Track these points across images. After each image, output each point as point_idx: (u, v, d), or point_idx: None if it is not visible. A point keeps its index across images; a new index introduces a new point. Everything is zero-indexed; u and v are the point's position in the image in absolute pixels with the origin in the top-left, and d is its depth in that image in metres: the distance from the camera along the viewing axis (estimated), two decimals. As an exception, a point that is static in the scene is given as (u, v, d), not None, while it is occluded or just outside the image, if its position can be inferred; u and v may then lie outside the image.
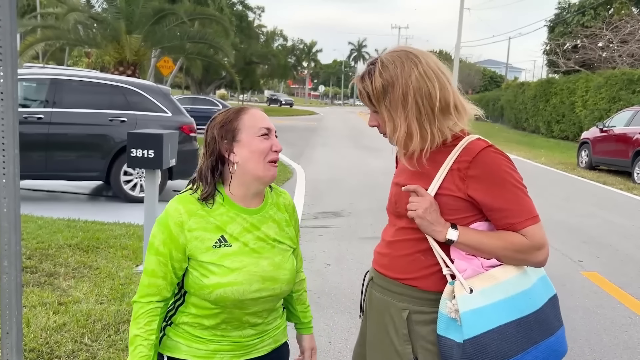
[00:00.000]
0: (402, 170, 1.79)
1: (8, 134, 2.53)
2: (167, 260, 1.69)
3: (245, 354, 1.80)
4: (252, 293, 1.71)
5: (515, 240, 1.58)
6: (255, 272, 1.71)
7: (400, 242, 1.72)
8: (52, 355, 3.31)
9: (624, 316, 4.56)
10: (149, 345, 1.70)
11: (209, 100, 24.04)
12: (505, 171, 1.60)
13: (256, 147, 1.71)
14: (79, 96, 7.86)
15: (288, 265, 1.80)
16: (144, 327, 1.71)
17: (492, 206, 1.59)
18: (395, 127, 1.66)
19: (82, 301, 4.09)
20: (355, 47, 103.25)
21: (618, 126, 14.14)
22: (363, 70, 1.71)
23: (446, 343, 1.60)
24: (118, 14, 15.02)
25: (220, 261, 1.69)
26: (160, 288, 1.71)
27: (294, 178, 11.15)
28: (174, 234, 1.69)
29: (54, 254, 5.13)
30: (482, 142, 1.64)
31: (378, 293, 1.77)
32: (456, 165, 1.61)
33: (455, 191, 1.61)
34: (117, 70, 15.32)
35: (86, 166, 7.79)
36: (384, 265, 1.76)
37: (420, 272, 1.67)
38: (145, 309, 1.71)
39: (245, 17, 41.31)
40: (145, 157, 4.66)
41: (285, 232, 1.83)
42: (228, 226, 1.72)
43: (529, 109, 30.71)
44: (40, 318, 3.75)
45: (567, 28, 30.39)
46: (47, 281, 4.47)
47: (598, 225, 8.04)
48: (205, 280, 1.68)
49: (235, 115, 1.74)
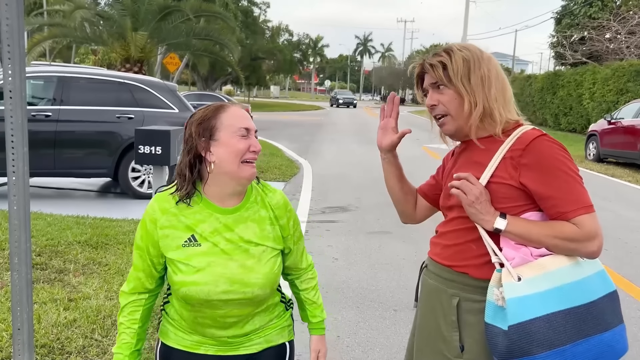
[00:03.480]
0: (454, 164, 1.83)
1: (17, 131, 2.55)
2: (145, 255, 1.76)
3: (231, 349, 1.81)
4: (219, 294, 1.70)
5: (565, 229, 1.58)
6: (222, 273, 1.70)
7: (452, 232, 1.76)
8: (63, 350, 3.34)
9: (633, 309, 4.55)
10: (131, 333, 1.79)
11: (215, 97, 24.10)
12: (558, 159, 1.60)
13: (233, 146, 1.68)
14: (86, 94, 7.89)
15: (264, 268, 1.74)
16: (127, 317, 1.80)
17: (544, 194, 1.60)
18: (471, 104, 1.68)
19: (92, 297, 4.12)
20: (361, 41, 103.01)
21: (626, 118, 14.05)
22: (432, 51, 1.77)
23: (492, 331, 1.61)
24: (124, 11, 15.06)
25: (188, 260, 1.70)
26: (142, 280, 1.79)
27: (301, 173, 11.16)
28: (149, 230, 1.74)
29: (64, 250, 5.17)
30: (536, 131, 1.67)
31: (430, 279, 1.82)
32: (509, 153, 1.64)
33: (507, 179, 1.63)
34: (123, 67, 15.38)
35: (94, 163, 7.83)
36: (436, 253, 1.81)
37: (472, 261, 1.70)
38: (129, 299, 1.81)
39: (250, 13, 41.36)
40: (153, 154, 4.70)
41: (267, 231, 1.78)
42: (199, 226, 1.72)
43: (536, 101, 30.56)
44: (51, 314, 3.78)
45: (574, 20, 30.19)
46: (57, 278, 4.50)
47: (606, 218, 8.00)
48: (174, 277, 1.72)
49: (214, 113, 1.71)
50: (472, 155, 1.74)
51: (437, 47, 1.80)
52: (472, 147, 1.75)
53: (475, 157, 1.72)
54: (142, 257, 1.77)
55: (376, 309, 4.35)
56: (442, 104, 1.72)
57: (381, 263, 5.39)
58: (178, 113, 8.18)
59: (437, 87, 1.72)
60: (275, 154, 13.70)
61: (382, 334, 3.89)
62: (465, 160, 1.76)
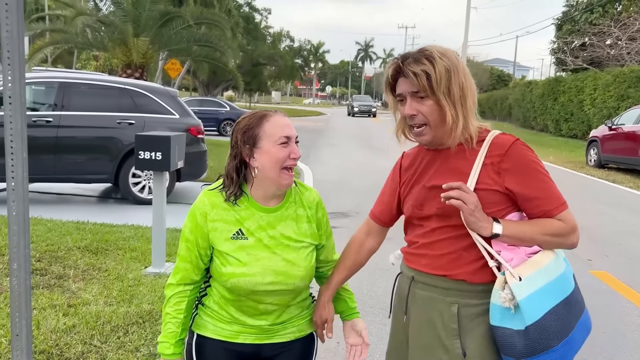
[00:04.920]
0: (423, 173, 1.80)
1: (17, 137, 2.55)
2: (194, 247, 1.86)
3: (267, 337, 1.92)
4: (265, 285, 1.82)
5: (553, 225, 1.66)
6: (268, 266, 1.82)
7: (438, 242, 1.74)
8: (62, 356, 3.33)
9: (634, 315, 4.54)
10: (177, 322, 1.88)
11: (216, 102, 24.11)
12: (534, 162, 1.68)
13: (274, 155, 1.79)
14: (87, 99, 7.90)
15: (304, 262, 1.87)
16: (173, 307, 1.89)
17: (529, 196, 1.65)
18: (453, 116, 1.67)
19: (91, 303, 4.12)
20: (362, 47, 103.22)
21: (627, 124, 14.05)
22: (410, 55, 1.71)
23: (504, 333, 1.63)
24: (125, 17, 15.09)
25: (237, 252, 1.82)
26: (189, 272, 1.89)
27: (301, 179, 11.15)
28: (199, 223, 1.85)
29: (64, 256, 5.16)
30: (508, 136, 1.71)
31: (423, 291, 1.79)
32: (489, 160, 1.67)
33: (492, 185, 1.66)
34: (124, 73, 15.39)
35: (95, 169, 7.83)
36: (426, 264, 1.77)
37: (466, 267, 1.70)
38: (175, 290, 1.90)
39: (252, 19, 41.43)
40: (153, 159, 4.69)
41: (305, 229, 1.91)
42: (246, 221, 1.84)
43: (537, 107, 30.56)
44: (50, 320, 3.78)
45: (575, 26, 30.21)
46: (56, 283, 4.50)
47: (607, 224, 7.99)
48: (223, 269, 1.83)
49: (258, 122, 1.82)
50: (448, 163, 1.74)
51: (420, 50, 1.72)
52: (445, 155, 1.75)
53: (452, 165, 1.72)
54: (190, 250, 1.86)
55: (376, 315, 4.34)
56: (422, 114, 1.69)
57: (381, 269, 5.37)
58: (179, 119, 8.19)
59: (418, 96, 1.69)
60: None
61: (382, 340, 3.87)
62: (441, 169, 1.75)
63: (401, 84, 1.72)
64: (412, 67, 1.67)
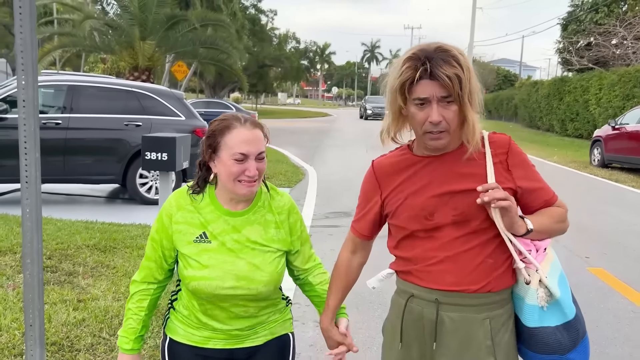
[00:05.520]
0: (426, 180, 1.68)
1: (30, 139, 2.71)
2: (158, 247, 1.88)
3: (238, 342, 1.92)
4: (226, 290, 1.80)
5: (557, 212, 1.69)
6: (230, 270, 1.80)
7: (463, 254, 1.63)
8: (73, 348, 3.49)
9: (627, 310, 4.64)
10: (137, 319, 1.91)
11: (223, 104, 24.33)
12: (526, 156, 1.71)
13: (228, 168, 1.76)
14: (96, 102, 8.09)
15: (269, 267, 1.84)
16: (135, 303, 1.92)
17: (532, 188, 1.66)
18: (473, 120, 1.59)
19: (100, 298, 4.27)
20: (368, 48, 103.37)
21: (630, 124, 14.10)
22: (435, 55, 1.53)
23: (546, 332, 1.59)
24: (132, 20, 15.31)
25: (199, 255, 1.81)
26: (153, 271, 1.91)
27: (306, 179, 11.30)
28: (164, 224, 1.86)
29: (73, 254, 5.33)
30: (500, 134, 1.71)
31: (454, 313, 1.64)
32: (496, 158, 1.64)
33: (506, 182, 1.62)
34: (131, 76, 15.61)
35: (103, 170, 8.01)
36: (452, 282, 1.63)
37: (492, 276, 1.63)
38: (139, 287, 1.93)
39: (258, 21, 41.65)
40: (159, 160, 4.85)
41: (272, 234, 1.87)
42: (211, 224, 1.83)
43: (542, 107, 30.58)
44: (61, 314, 3.93)
45: (580, 26, 30.20)
46: (66, 280, 4.66)
47: (607, 223, 8.08)
48: (185, 272, 1.83)
49: (221, 131, 1.78)
50: (456, 167, 1.65)
51: (440, 49, 1.54)
52: (449, 159, 1.66)
53: (462, 169, 1.64)
54: (154, 249, 1.89)
55: (375, 310, 4.47)
56: (445, 121, 1.56)
57: (382, 266, 5.48)
58: (185, 120, 8.35)
59: (446, 101, 1.54)
60: (281, 161, 13.86)
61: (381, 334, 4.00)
62: (451, 174, 1.65)
63: (426, 86, 1.53)
64: (445, 69, 1.51)
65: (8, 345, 3.45)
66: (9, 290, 4.34)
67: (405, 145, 1.77)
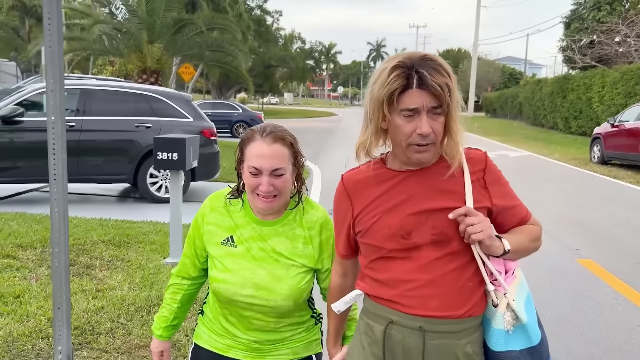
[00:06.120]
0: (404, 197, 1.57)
1: (58, 140, 3.05)
2: (192, 244, 1.95)
3: (258, 356, 1.90)
4: (243, 297, 1.80)
5: (532, 230, 1.62)
6: (250, 278, 1.80)
7: (444, 277, 1.52)
8: (94, 332, 3.82)
9: (610, 297, 4.93)
10: (170, 310, 2.02)
11: (229, 105, 24.68)
12: (500, 171, 1.64)
13: (247, 180, 1.78)
14: (107, 104, 8.43)
15: (290, 281, 1.80)
16: (170, 295, 2.03)
17: (508, 206, 1.60)
18: (454, 134, 1.52)
19: (116, 288, 4.60)
20: (374, 47, 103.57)
21: (629, 121, 14.33)
22: (422, 63, 1.45)
23: (510, 355, 1.54)
24: (140, 24, 15.67)
25: (224, 258, 1.85)
26: (187, 266, 1.99)
27: (311, 178, 11.60)
28: (198, 223, 1.93)
29: (90, 248, 5.67)
30: (475, 149, 1.63)
31: (437, 340, 1.53)
32: (474, 176, 1.56)
33: (483, 201, 1.56)
34: (140, 78, 15.98)
35: (115, 170, 8.36)
36: (436, 307, 1.52)
37: (474, 299, 1.55)
38: (174, 280, 2.04)
39: (263, 22, 42.00)
40: (170, 159, 5.17)
41: (299, 249, 1.83)
42: (240, 229, 1.86)
43: (546, 105, 30.78)
44: (81, 302, 4.26)
45: (583, 24, 30.40)
46: (85, 272, 4.99)
47: (601, 217, 8.34)
48: (210, 272, 1.88)
49: (245, 141, 1.79)
50: (435, 183, 1.55)
51: (427, 58, 1.47)
52: (428, 174, 1.56)
53: (441, 185, 1.55)
54: (189, 245, 1.96)
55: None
56: (434, 133, 1.47)
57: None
58: (192, 122, 8.68)
59: (435, 112, 1.46)
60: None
61: None
62: (430, 190, 1.55)
63: (415, 96, 1.44)
64: (436, 78, 1.43)
65: (35, 329, 3.79)
66: (32, 281, 4.68)
67: (378, 159, 1.64)
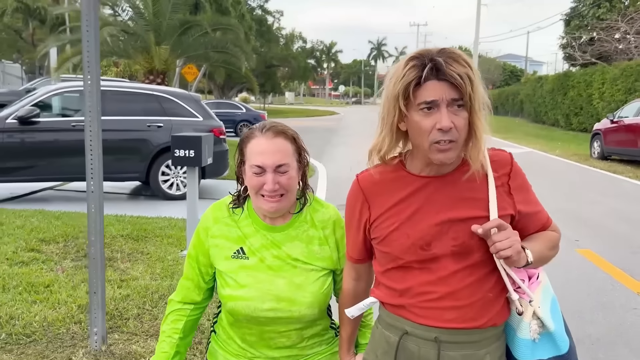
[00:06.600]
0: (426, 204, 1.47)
1: (94, 138, 3.33)
2: (195, 263, 1.76)
3: None
4: (265, 312, 1.65)
5: (552, 237, 1.55)
6: (269, 290, 1.65)
7: (463, 290, 1.45)
8: (122, 316, 4.09)
9: (607, 283, 5.20)
10: (171, 343, 1.76)
11: (233, 104, 25.01)
12: (525, 175, 1.54)
13: (249, 181, 1.64)
14: (120, 105, 8.70)
15: (312, 287, 1.67)
16: (170, 325, 1.79)
17: (531, 211, 1.52)
18: (478, 134, 1.41)
19: (139, 278, 4.87)
20: (375, 45, 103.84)
21: (629, 117, 14.56)
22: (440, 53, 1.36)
23: None
24: (147, 26, 15.97)
25: (236, 273, 1.68)
26: (189, 290, 1.78)
27: (316, 176, 11.87)
28: (201, 239, 1.74)
29: (110, 242, 5.94)
30: (500, 151, 1.53)
31: (454, 351, 1.48)
32: (498, 181, 1.46)
33: (508, 209, 1.46)
34: (147, 79, 16.27)
35: (128, 168, 8.63)
36: (452, 319, 1.46)
37: (494, 309, 1.49)
38: (175, 307, 1.81)
39: (264, 22, 42.28)
40: (187, 157, 5.43)
41: (315, 252, 1.70)
42: (249, 239, 1.70)
43: (547, 102, 31.04)
44: (108, 291, 4.53)
45: (583, 21, 30.63)
46: (108, 264, 5.26)
47: (600, 211, 8.60)
48: (222, 291, 1.70)
49: (244, 140, 1.66)
50: (457, 190, 1.46)
51: (445, 50, 1.37)
52: (450, 180, 1.47)
53: (462, 193, 1.46)
54: (191, 266, 1.76)
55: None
56: (455, 129, 1.36)
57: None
58: (202, 121, 8.95)
59: (456, 105, 1.35)
60: (292, 158, 14.42)
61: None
62: (452, 198, 1.46)
63: (433, 88, 1.34)
64: (455, 67, 1.33)
65: (68, 315, 4.06)
66: (59, 272, 4.95)
67: (398, 160, 1.54)
